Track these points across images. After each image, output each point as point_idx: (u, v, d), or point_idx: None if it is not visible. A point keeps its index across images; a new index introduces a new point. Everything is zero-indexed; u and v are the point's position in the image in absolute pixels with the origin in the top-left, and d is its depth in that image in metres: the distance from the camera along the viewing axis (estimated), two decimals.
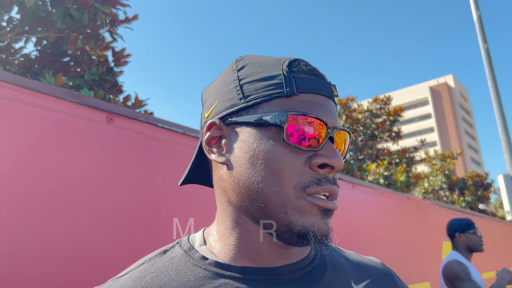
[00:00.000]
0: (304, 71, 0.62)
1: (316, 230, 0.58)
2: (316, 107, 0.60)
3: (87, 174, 1.53)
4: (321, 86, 0.62)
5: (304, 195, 0.58)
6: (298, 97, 0.60)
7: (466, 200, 17.87)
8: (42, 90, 1.48)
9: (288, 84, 0.60)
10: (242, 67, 0.65)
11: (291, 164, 0.58)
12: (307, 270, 0.65)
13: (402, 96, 72.85)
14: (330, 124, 0.61)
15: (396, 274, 0.80)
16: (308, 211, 0.58)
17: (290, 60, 0.63)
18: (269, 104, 0.60)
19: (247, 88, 0.62)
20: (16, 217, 1.33)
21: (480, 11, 8.19)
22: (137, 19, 4.09)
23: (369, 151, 13.68)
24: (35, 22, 3.70)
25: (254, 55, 0.67)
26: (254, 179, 0.59)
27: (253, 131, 0.61)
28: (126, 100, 3.96)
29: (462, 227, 2.80)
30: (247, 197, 0.61)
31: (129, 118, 1.70)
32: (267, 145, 0.59)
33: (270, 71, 0.62)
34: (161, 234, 1.67)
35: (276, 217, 0.59)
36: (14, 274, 1.28)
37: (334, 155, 0.59)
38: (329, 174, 0.60)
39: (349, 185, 3.30)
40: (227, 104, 0.63)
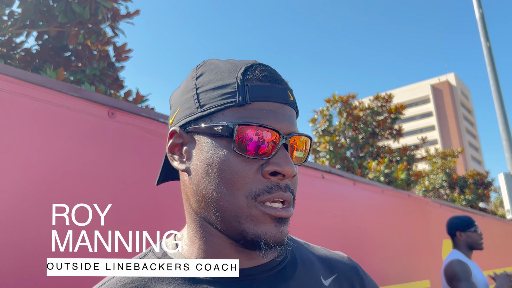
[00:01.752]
0: (258, 78, 0.62)
1: (268, 238, 0.59)
2: (269, 115, 0.61)
3: (87, 168, 1.53)
4: (275, 93, 0.63)
5: (255, 204, 0.59)
6: (251, 105, 0.61)
7: (466, 198, 17.88)
8: (44, 83, 1.47)
9: (241, 92, 0.61)
10: (201, 75, 0.66)
11: (243, 174, 0.60)
12: (278, 268, 0.67)
13: (404, 94, 72.76)
14: (283, 130, 0.62)
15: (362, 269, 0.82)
16: (260, 219, 0.60)
17: (247, 66, 0.64)
18: (223, 113, 0.61)
19: (203, 97, 0.63)
20: (16, 212, 1.33)
21: (483, 9, 8.17)
22: (139, 14, 4.08)
23: (370, 148, 13.69)
24: (36, 17, 3.69)
25: (215, 60, 0.68)
26: (209, 188, 0.61)
27: (208, 140, 0.62)
28: (127, 95, 3.96)
29: (463, 225, 2.79)
30: (204, 205, 0.63)
31: (131, 112, 1.69)
32: (220, 154, 0.61)
33: (225, 79, 0.63)
34: (161, 229, 1.67)
35: (230, 225, 0.61)
36: (16, 269, 1.28)
37: (285, 162, 0.60)
38: (281, 182, 0.61)
39: (350, 182, 3.30)
40: (186, 112, 0.65)
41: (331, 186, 3.01)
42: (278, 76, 0.65)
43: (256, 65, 0.65)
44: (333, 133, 13.75)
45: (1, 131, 1.35)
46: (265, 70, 0.64)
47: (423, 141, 15.94)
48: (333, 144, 13.32)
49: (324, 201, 2.89)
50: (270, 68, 0.66)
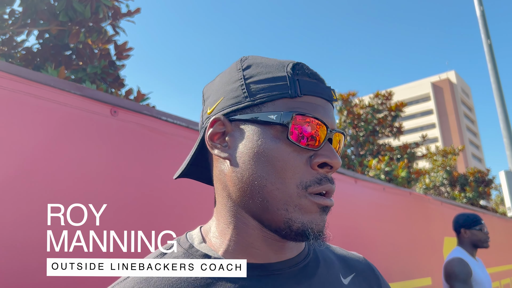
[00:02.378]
0: (306, 74, 0.65)
1: (314, 227, 0.61)
2: (318, 109, 0.64)
3: (90, 166, 1.53)
4: (322, 90, 0.66)
5: (305, 194, 0.61)
6: (301, 98, 0.63)
7: (467, 196, 17.88)
8: (46, 82, 1.47)
9: (293, 85, 0.63)
10: (248, 67, 0.67)
11: (294, 163, 0.61)
12: (302, 265, 0.68)
13: (404, 92, 72.69)
14: (329, 126, 0.64)
15: (377, 269, 0.84)
16: (308, 209, 0.61)
17: (294, 63, 0.66)
18: (273, 103, 0.63)
19: (253, 87, 0.65)
20: (21, 210, 1.33)
21: (483, 7, 8.16)
22: (140, 12, 4.08)
23: (370, 146, 13.68)
24: (37, 15, 3.69)
25: (257, 56, 0.70)
26: (258, 175, 0.62)
27: (258, 128, 0.63)
28: (128, 93, 3.96)
29: (468, 223, 2.78)
30: (249, 193, 0.63)
31: (133, 111, 1.70)
32: (271, 143, 0.62)
33: (275, 73, 0.65)
34: (164, 227, 1.67)
35: (277, 213, 0.61)
36: (20, 267, 1.29)
37: (333, 155, 0.63)
38: (328, 174, 0.63)
39: (351, 180, 3.30)
40: (232, 101, 0.66)
41: None
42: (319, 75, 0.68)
43: (301, 63, 0.68)
44: None
45: (4, 129, 1.35)
46: (310, 69, 0.67)
47: (424, 139, 15.94)
48: None
49: None
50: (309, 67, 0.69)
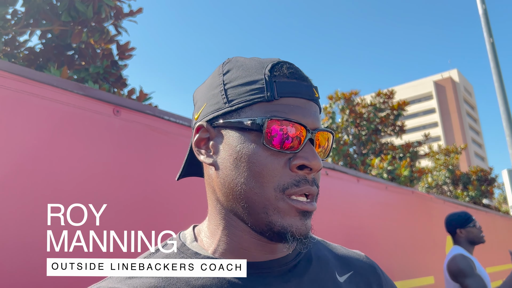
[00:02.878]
0: (285, 75, 0.64)
1: (294, 231, 0.61)
2: (296, 110, 0.63)
3: (93, 165, 1.54)
4: (301, 89, 0.64)
5: (283, 197, 0.61)
6: (279, 101, 0.63)
7: (469, 195, 17.84)
8: (49, 82, 1.48)
9: (269, 88, 0.63)
10: (228, 71, 0.67)
11: (272, 167, 0.61)
12: (293, 264, 0.69)
13: (406, 91, 72.53)
14: (310, 126, 0.64)
15: (380, 267, 0.83)
16: (287, 212, 0.61)
17: (273, 63, 0.66)
18: (251, 108, 0.63)
19: (231, 92, 0.65)
20: (23, 209, 1.34)
21: (486, 5, 8.13)
22: (142, 12, 4.08)
23: (373, 145, 13.66)
24: (39, 15, 3.70)
25: (240, 57, 0.70)
26: (238, 180, 0.63)
27: (237, 134, 0.64)
28: (131, 93, 3.97)
29: (462, 222, 2.79)
30: (232, 197, 0.64)
31: (136, 110, 1.70)
32: (249, 148, 0.62)
33: (252, 76, 0.65)
34: (166, 226, 1.68)
35: (258, 216, 0.62)
36: (22, 266, 1.29)
37: (312, 156, 0.62)
38: (308, 175, 0.63)
39: (353, 179, 3.30)
40: (214, 107, 0.66)
41: (335, 183, 3.01)
42: (303, 73, 0.67)
43: (282, 62, 0.67)
44: (335, 130, 13.74)
45: (7, 128, 1.36)
46: (291, 68, 0.66)
47: (426, 138, 15.90)
48: (335, 141, 13.31)
49: (328, 198, 2.89)
50: (295, 66, 0.68)
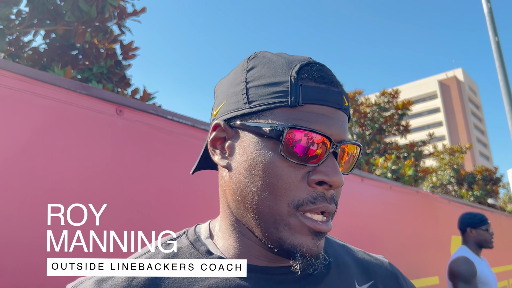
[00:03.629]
0: (313, 78, 0.59)
1: (305, 251, 0.57)
2: (321, 119, 0.57)
3: (96, 165, 1.54)
4: (329, 97, 0.58)
5: (296, 213, 0.57)
6: (303, 107, 0.57)
7: (474, 194, 17.76)
8: (53, 81, 1.48)
9: (294, 93, 0.57)
10: (252, 68, 0.62)
11: (288, 180, 0.57)
12: (308, 271, 0.64)
13: (411, 90, 72.32)
14: (335, 137, 0.58)
15: (403, 275, 0.78)
16: (298, 230, 0.57)
17: (302, 64, 0.60)
18: (272, 112, 0.58)
19: (253, 92, 0.60)
20: (26, 208, 1.34)
21: (491, 4, 8.08)
22: (145, 11, 4.09)
23: (377, 145, 13.62)
24: (43, 15, 3.71)
25: (268, 53, 0.64)
26: (250, 189, 0.58)
27: (254, 138, 0.59)
28: (134, 93, 3.97)
29: (475, 222, 2.75)
30: (243, 206, 0.60)
31: (139, 110, 1.70)
32: (265, 156, 0.57)
33: (278, 76, 0.59)
34: (170, 225, 1.68)
35: (268, 231, 0.58)
36: (21, 266, 1.29)
37: (333, 172, 0.57)
38: (327, 192, 0.58)
39: (358, 179, 3.29)
40: (233, 106, 0.62)
41: None
42: (334, 78, 0.61)
43: (312, 63, 0.61)
44: None
45: (11, 128, 1.36)
46: (321, 70, 0.60)
47: (431, 137, 15.84)
48: None
49: None
50: (326, 68, 0.62)
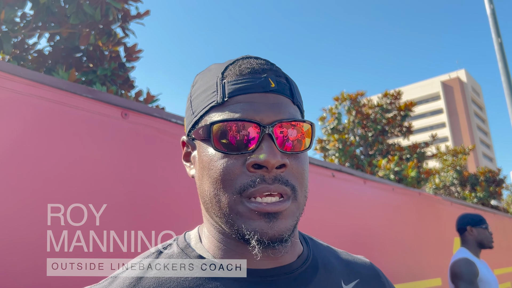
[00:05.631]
0: (236, 73, 0.62)
1: (260, 235, 0.57)
2: (247, 107, 0.59)
3: (102, 168, 1.55)
4: (253, 84, 0.61)
5: (241, 199, 0.58)
6: (230, 101, 0.60)
7: (477, 196, 17.70)
8: (58, 85, 1.50)
9: (219, 91, 0.61)
10: (196, 83, 0.67)
11: (227, 170, 0.59)
12: (299, 272, 0.65)
13: (413, 91, 72.16)
14: (266, 120, 0.59)
15: (384, 275, 0.80)
16: (248, 216, 0.58)
17: (229, 64, 0.63)
18: (207, 114, 0.62)
19: (194, 102, 0.65)
20: (32, 211, 1.36)
21: (494, 5, 8.07)
22: (149, 14, 4.11)
23: (380, 146, 13.61)
24: (48, 18, 3.74)
25: (213, 64, 0.68)
26: (205, 188, 0.62)
27: (201, 143, 0.63)
28: (138, 95, 3.99)
29: (475, 221, 2.74)
30: (207, 206, 0.63)
31: (144, 113, 1.72)
32: (208, 155, 0.61)
33: (209, 82, 0.64)
34: (174, 227, 1.69)
35: (227, 224, 0.60)
36: (22, 266, 1.31)
37: (266, 153, 0.57)
38: (267, 174, 0.58)
39: (360, 181, 3.30)
40: (188, 120, 0.67)
41: (341, 185, 3.01)
42: (259, 65, 0.63)
43: (240, 59, 0.64)
44: (342, 131, 13.69)
45: (15, 131, 1.38)
46: (246, 63, 0.63)
47: (434, 139, 15.80)
48: (342, 142, 13.27)
49: (335, 200, 2.89)
50: (253, 59, 0.64)
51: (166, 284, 0.60)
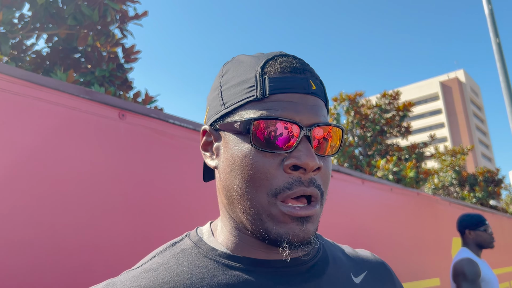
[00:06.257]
0: (277, 70, 0.61)
1: (291, 238, 0.58)
2: (288, 106, 0.59)
3: (99, 169, 1.55)
4: (294, 84, 0.61)
5: (276, 202, 0.58)
6: (270, 98, 0.60)
7: (476, 196, 17.72)
8: (55, 86, 1.50)
9: (260, 86, 0.60)
10: (226, 72, 0.66)
11: (263, 169, 0.59)
12: (311, 263, 0.67)
13: (412, 92, 72.26)
14: (305, 122, 0.60)
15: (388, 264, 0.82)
16: (280, 219, 0.58)
17: (267, 59, 0.63)
18: (243, 108, 0.61)
19: (226, 94, 0.64)
20: (31, 211, 1.36)
21: (492, 5, 8.09)
22: (147, 15, 4.11)
23: (378, 146, 13.62)
24: (46, 19, 3.74)
25: (242, 56, 0.68)
26: (234, 184, 0.61)
27: (232, 136, 0.62)
28: (136, 96, 3.99)
29: (473, 224, 2.76)
30: (232, 201, 0.63)
31: (141, 114, 1.72)
32: (241, 150, 0.60)
33: (245, 74, 0.63)
34: (172, 228, 1.69)
35: (254, 223, 0.60)
36: (30, 266, 1.31)
37: (305, 155, 0.58)
38: (303, 176, 0.59)
39: (358, 181, 3.30)
40: (214, 110, 0.66)
41: (339, 185, 3.01)
42: (300, 65, 0.63)
43: (278, 56, 0.64)
44: None
45: (14, 132, 1.38)
46: (286, 61, 0.63)
47: (432, 139, 15.82)
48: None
49: (333, 200, 2.89)
50: (292, 58, 0.64)
51: (180, 276, 0.60)
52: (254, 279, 0.61)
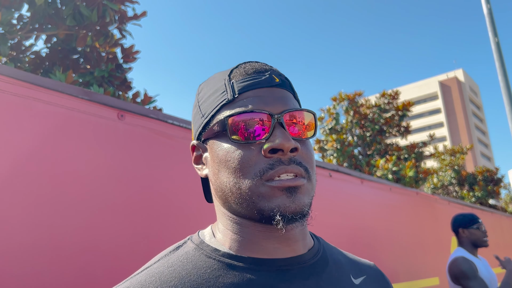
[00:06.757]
0: (242, 73, 0.69)
1: (283, 210, 0.62)
2: (257, 100, 0.66)
3: (98, 170, 1.56)
4: (260, 80, 0.68)
5: (262, 182, 0.63)
6: (240, 97, 0.67)
7: (476, 195, 17.74)
8: (54, 87, 1.50)
9: (229, 89, 0.68)
10: (201, 90, 0.74)
11: (245, 158, 0.64)
12: (311, 262, 0.69)
13: (411, 91, 72.30)
14: (275, 110, 0.66)
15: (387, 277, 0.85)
16: (270, 194, 0.63)
17: (233, 68, 0.71)
18: (219, 112, 0.68)
19: (203, 106, 0.71)
20: (30, 212, 1.36)
21: (491, 4, 8.09)
22: (146, 15, 4.11)
23: (378, 146, 13.62)
24: (45, 20, 3.74)
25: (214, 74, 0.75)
26: (224, 180, 0.66)
27: (215, 141, 0.68)
28: (135, 96, 3.99)
29: (465, 222, 2.79)
30: (225, 197, 0.67)
31: (140, 114, 1.72)
32: (224, 149, 0.66)
33: (216, 85, 0.70)
34: (171, 228, 1.69)
35: (249, 207, 0.64)
36: (30, 268, 1.31)
37: (280, 138, 0.63)
38: (283, 157, 0.64)
39: (357, 181, 3.30)
40: (197, 125, 0.73)
41: (338, 185, 3.02)
42: (262, 66, 0.71)
43: (243, 63, 0.72)
44: (340, 131, 13.71)
45: (13, 133, 1.38)
46: (249, 65, 0.71)
47: (432, 138, 15.83)
48: (340, 142, 13.29)
49: (332, 200, 2.90)
50: (255, 62, 0.72)
51: (186, 277, 0.62)
52: (257, 278, 0.64)
